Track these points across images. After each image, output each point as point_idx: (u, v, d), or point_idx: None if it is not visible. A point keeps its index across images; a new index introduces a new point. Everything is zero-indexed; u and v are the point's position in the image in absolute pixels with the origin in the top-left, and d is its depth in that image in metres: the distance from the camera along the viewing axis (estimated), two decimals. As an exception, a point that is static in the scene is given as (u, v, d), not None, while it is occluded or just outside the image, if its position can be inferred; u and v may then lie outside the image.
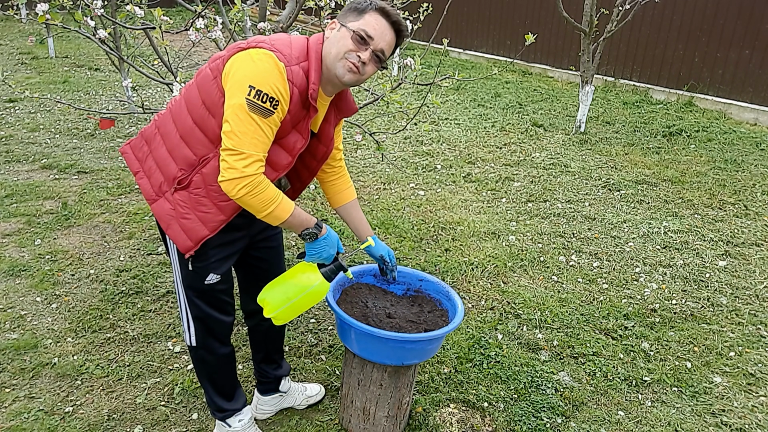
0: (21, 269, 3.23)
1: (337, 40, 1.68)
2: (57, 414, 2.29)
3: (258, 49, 1.61)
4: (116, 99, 6.63)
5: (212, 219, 1.75)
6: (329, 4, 2.93)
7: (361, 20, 1.67)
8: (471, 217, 4.18)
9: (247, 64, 1.59)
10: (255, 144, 1.60)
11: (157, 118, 1.83)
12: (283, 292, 1.84)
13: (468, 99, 7.37)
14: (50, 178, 4.47)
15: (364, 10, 1.68)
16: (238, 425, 2.13)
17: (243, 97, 1.56)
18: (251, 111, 1.57)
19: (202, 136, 1.71)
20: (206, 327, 1.94)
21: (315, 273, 1.83)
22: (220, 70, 1.65)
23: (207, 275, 1.84)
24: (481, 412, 2.40)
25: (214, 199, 1.74)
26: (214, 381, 2.07)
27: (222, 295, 1.91)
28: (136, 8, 2.41)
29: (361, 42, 1.66)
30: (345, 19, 1.70)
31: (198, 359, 2.02)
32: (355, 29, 1.66)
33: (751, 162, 5.43)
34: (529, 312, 3.09)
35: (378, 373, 2.08)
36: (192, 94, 1.72)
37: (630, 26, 7.39)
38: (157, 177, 1.79)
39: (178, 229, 1.77)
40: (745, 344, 2.92)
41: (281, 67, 1.60)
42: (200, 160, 1.72)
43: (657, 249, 3.83)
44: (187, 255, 1.79)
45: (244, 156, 1.59)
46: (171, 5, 10.69)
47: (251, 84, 1.56)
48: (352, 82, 1.72)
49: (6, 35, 9.85)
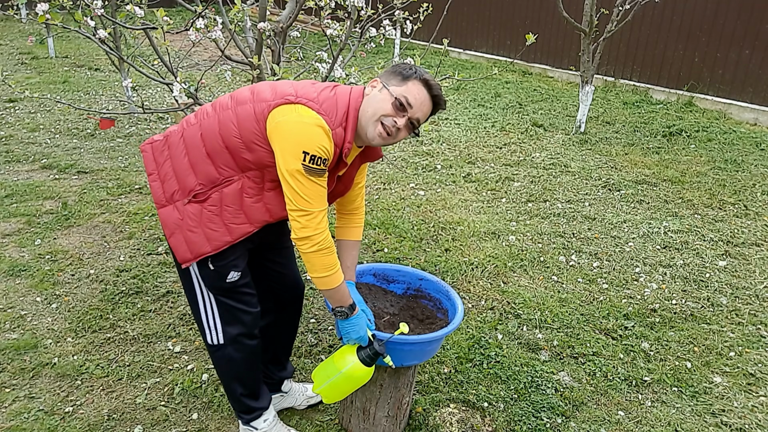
0: (21, 269, 3.23)
1: (377, 101, 1.72)
2: (57, 414, 2.29)
3: (306, 109, 1.65)
4: (116, 99, 6.63)
5: (218, 238, 1.77)
6: (329, 4, 2.93)
7: (404, 87, 1.71)
8: (471, 217, 4.18)
9: (298, 127, 1.63)
10: (320, 200, 1.70)
11: (185, 126, 1.82)
12: (325, 371, 1.93)
13: (468, 99, 7.37)
14: (50, 178, 4.47)
15: (408, 77, 1.71)
16: (264, 425, 2.12)
17: (299, 164, 1.63)
18: (309, 174, 1.65)
19: (230, 161, 1.74)
20: (235, 321, 1.93)
21: (352, 355, 1.88)
22: (265, 116, 1.67)
23: (228, 273, 1.85)
24: (481, 412, 2.40)
25: (226, 219, 1.77)
26: (242, 379, 2.05)
27: (244, 288, 1.92)
28: (136, 8, 2.41)
29: (400, 108, 1.70)
30: (388, 81, 1.73)
31: (224, 358, 1.98)
32: (397, 95, 1.70)
33: (751, 162, 5.43)
34: (529, 312, 3.09)
35: (378, 373, 2.08)
36: (227, 119, 1.73)
37: (630, 26, 7.38)
38: (171, 184, 1.79)
39: (181, 239, 1.78)
40: (745, 344, 2.92)
41: (327, 130, 1.65)
42: (223, 180, 1.75)
43: (657, 249, 3.83)
44: (184, 265, 1.81)
45: (314, 214, 1.69)
46: (171, 5, 10.69)
47: (305, 150, 1.62)
48: (379, 144, 1.78)
49: (6, 35, 9.85)
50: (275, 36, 2.75)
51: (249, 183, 1.76)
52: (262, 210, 1.80)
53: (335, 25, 2.96)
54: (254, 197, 1.78)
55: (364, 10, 2.76)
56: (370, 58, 9.11)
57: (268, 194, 1.79)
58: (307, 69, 3.15)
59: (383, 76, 1.76)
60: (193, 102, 2.67)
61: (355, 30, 2.88)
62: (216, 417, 2.31)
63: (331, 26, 2.94)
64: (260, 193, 1.78)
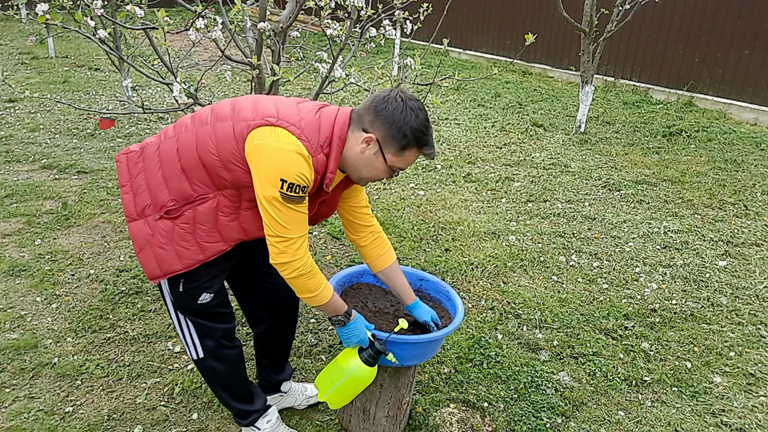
0: (21, 269, 3.23)
1: (373, 168, 1.70)
2: (57, 414, 2.29)
3: (287, 133, 1.59)
4: (116, 99, 6.63)
5: (190, 257, 1.72)
6: (329, 4, 2.93)
7: (401, 157, 1.68)
8: (471, 217, 4.18)
9: (277, 154, 1.57)
10: (298, 226, 1.66)
11: (162, 139, 1.76)
12: (328, 377, 1.92)
13: (468, 99, 7.37)
14: (50, 178, 4.47)
15: (406, 146, 1.65)
16: (267, 426, 2.12)
17: (276, 191, 1.58)
18: (286, 202, 1.60)
19: (206, 178, 1.68)
20: (209, 337, 1.91)
21: (354, 357, 1.87)
22: (244, 136, 1.61)
23: (200, 295, 1.80)
24: (481, 412, 2.40)
25: (199, 237, 1.71)
26: (229, 387, 2.04)
27: (218, 308, 1.88)
28: (136, 8, 2.41)
29: (393, 175, 1.72)
30: (385, 145, 1.66)
31: (208, 370, 1.97)
32: (391, 164, 1.69)
33: (751, 162, 5.43)
34: (529, 312, 3.09)
35: (378, 373, 2.08)
36: (206, 135, 1.66)
37: (630, 26, 7.38)
38: (143, 198, 1.73)
39: (150, 255, 1.72)
40: (745, 344, 2.92)
41: (307, 157, 1.60)
42: (197, 197, 1.69)
43: (657, 249, 3.83)
44: (153, 282, 1.77)
45: (293, 241, 1.65)
46: (171, 5, 10.68)
47: (282, 177, 1.57)
48: (361, 185, 1.84)
49: (6, 35, 9.85)
50: (275, 36, 2.75)
51: (225, 201, 1.70)
52: (237, 229, 1.74)
53: (335, 25, 2.96)
54: (230, 216, 1.72)
55: (364, 10, 2.76)
56: (370, 58, 9.11)
57: (244, 213, 1.73)
58: (307, 69, 3.15)
59: (378, 129, 1.64)
60: (193, 102, 2.67)
61: (355, 30, 2.88)
62: (216, 417, 2.31)
63: (331, 26, 2.93)
64: (236, 212, 1.73)
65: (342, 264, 3.47)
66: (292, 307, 2.18)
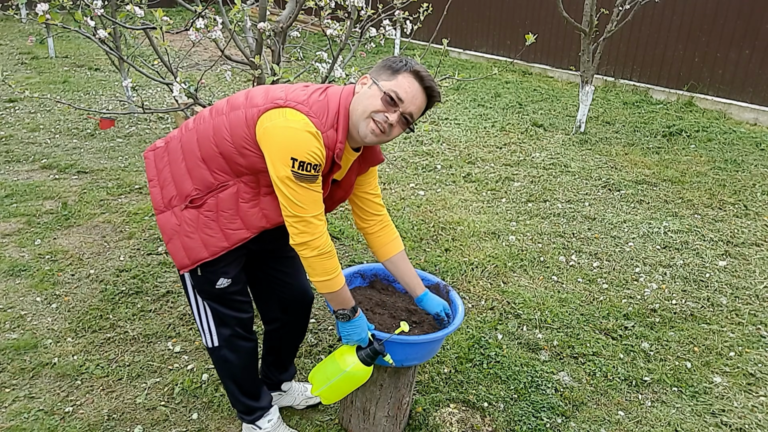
0: (21, 269, 3.23)
1: (367, 97, 1.68)
2: (57, 414, 2.29)
3: (294, 112, 1.62)
4: (116, 99, 6.63)
5: (215, 244, 1.77)
6: (329, 4, 2.93)
7: (394, 81, 1.66)
8: (471, 217, 4.18)
9: (286, 133, 1.60)
10: (314, 205, 1.68)
11: (184, 131, 1.82)
12: (324, 373, 1.92)
13: (468, 99, 7.37)
14: (50, 178, 4.47)
15: (398, 70, 1.66)
16: (268, 425, 2.12)
17: (288, 170, 1.61)
18: (299, 181, 1.62)
19: (224, 166, 1.73)
20: (226, 325, 1.93)
21: (352, 355, 1.87)
22: (255, 121, 1.65)
23: (218, 280, 1.84)
24: (481, 412, 2.40)
25: (222, 225, 1.76)
26: (238, 380, 2.05)
27: (236, 295, 1.91)
28: (136, 8, 2.41)
29: (390, 103, 1.66)
30: (378, 76, 1.69)
31: (220, 359, 1.99)
32: (386, 90, 1.65)
33: (751, 162, 5.43)
34: (529, 312, 3.09)
35: (378, 373, 2.08)
36: (221, 125, 1.72)
37: (630, 26, 7.38)
38: (170, 189, 1.79)
39: (179, 245, 1.77)
40: (745, 344, 2.92)
41: (317, 134, 1.62)
42: (218, 185, 1.74)
43: (657, 249, 3.83)
44: (182, 272, 1.81)
45: (310, 219, 1.67)
46: (171, 5, 10.68)
47: (293, 156, 1.60)
48: (373, 143, 1.73)
49: (6, 35, 9.85)
50: (275, 36, 2.75)
51: (244, 188, 1.75)
52: (258, 215, 1.78)
53: (335, 25, 2.96)
54: (250, 202, 1.76)
55: (364, 10, 2.76)
56: (370, 58, 9.11)
57: (264, 199, 1.77)
58: (307, 69, 3.15)
59: (373, 71, 1.72)
60: (193, 102, 2.67)
61: (355, 30, 2.88)
62: (216, 417, 2.31)
63: (331, 26, 2.93)
64: (256, 198, 1.76)
65: (342, 264, 3.47)
66: (303, 309, 2.19)
